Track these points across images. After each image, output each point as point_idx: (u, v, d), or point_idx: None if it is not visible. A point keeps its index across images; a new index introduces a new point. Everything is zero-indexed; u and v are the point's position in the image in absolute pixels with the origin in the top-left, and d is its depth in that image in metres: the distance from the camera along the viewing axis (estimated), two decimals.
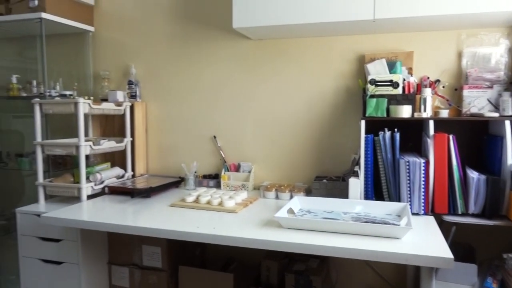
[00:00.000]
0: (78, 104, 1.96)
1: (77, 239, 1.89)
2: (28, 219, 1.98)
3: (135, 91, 2.40)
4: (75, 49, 2.59)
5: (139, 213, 1.76)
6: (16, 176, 2.77)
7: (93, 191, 2.07)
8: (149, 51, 2.44)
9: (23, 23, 2.29)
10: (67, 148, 2.00)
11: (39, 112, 2.04)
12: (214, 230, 1.49)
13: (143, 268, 1.99)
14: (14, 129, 2.81)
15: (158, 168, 2.47)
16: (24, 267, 2.01)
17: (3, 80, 2.56)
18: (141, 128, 2.42)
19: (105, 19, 2.51)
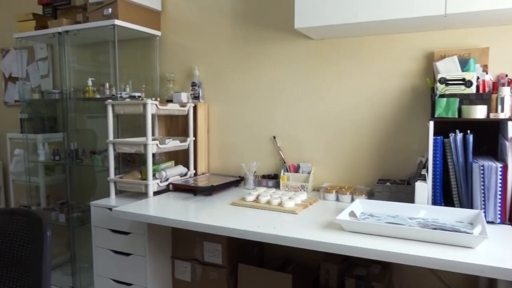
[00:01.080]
0: (147, 105, 2.07)
1: (144, 233, 1.99)
2: (101, 212, 2.13)
3: (198, 92, 2.48)
4: (143, 53, 2.74)
5: (201, 210, 1.81)
6: (90, 172, 2.99)
7: (159, 188, 2.17)
8: (212, 54, 2.51)
9: (98, 30, 2.46)
10: (136, 147, 2.12)
11: (111, 113, 2.19)
12: (275, 230, 1.50)
13: (204, 264, 2.05)
14: (88, 128, 3.04)
15: (219, 167, 2.53)
16: (97, 257, 2.17)
17: (81, 83, 2.77)
18: (203, 128, 2.50)
19: (171, 24, 2.62)
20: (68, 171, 2.72)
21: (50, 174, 3.01)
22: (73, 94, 2.68)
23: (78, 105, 2.86)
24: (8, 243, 1.49)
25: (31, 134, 2.91)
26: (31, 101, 2.93)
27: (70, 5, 2.61)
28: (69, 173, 2.72)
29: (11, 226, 1.50)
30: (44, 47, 3.14)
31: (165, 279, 2.13)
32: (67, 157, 2.69)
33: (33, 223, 1.44)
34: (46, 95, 2.83)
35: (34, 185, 2.97)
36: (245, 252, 2.17)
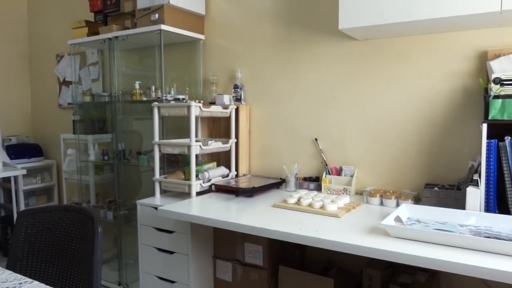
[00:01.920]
0: (191, 107, 2.12)
1: (188, 232, 2.04)
2: (147, 210, 2.20)
3: (240, 94, 2.51)
4: (187, 57, 2.81)
5: (243, 211, 1.83)
6: (135, 172, 3.11)
7: (201, 188, 2.21)
8: (254, 56, 2.53)
9: (145, 35, 2.56)
10: (180, 148, 2.18)
11: (157, 114, 2.26)
12: (317, 233, 1.48)
13: (245, 265, 2.07)
14: (134, 129, 3.16)
15: (260, 168, 2.55)
16: (142, 253, 2.24)
17: (128, 86, 2.89)
18: (245, 130, 2.52)
19: (214, 28, 2.67)
20: (116, 170, 2.84)
21: (99, 173, 3.16)
22: (121, 96, 2.80)
23: (125, 107, 2.99)
24: (62, 238, 1.58)
25: (83, 135, 3.07)
26: (82, 103, 3.09)
27: (120, 11, 2.73)
28: (116, 172, 2.84)
29: (66, 222, 1.58)
30: (95, 52, 3.31)
31: (207, 278, 2.17)
32: (115, 157, 2.81)
33: (86, 220, 1.51)
34: (97, 98, 2.97)
35: (84, 183, 3.13)
36: (286, 254, 2.16)
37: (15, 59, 3.86)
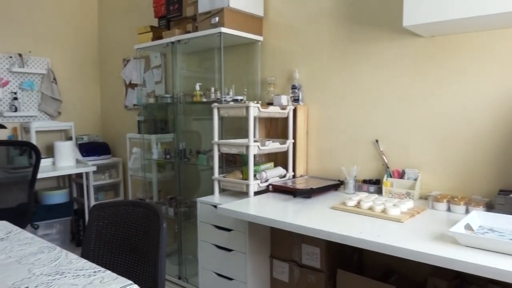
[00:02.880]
0: (249, 108, 2.15)
1: (245, 231, 2.07)
2: (206, 208, 2.27)
3: (297, 95, 2.50)
4: (245, 58, 2.85)
5: (300, 212, 1.82)
6: (194, 170, 3.22)
7: (259, 188, 2.24)
8: (312, 56, 2.50)
9: (206, 38, 2.63)
10: (239, 148, 2.22)
11: (217, 115, 2.32)
12: (379, 237, 1.43)
13: (302, 266, 2.06)
14: (193, 129, 3.27)
15: (317, 170, 2.52)
16: (202, 250, 2.31)
17: (189, 88, 3.00)
18: (303, 131, 2.51)
19: (273, 29, 2.69)
20: (177, 169, 2.96)
21: (161, 171, 3.31)
22: (182, 98, 2.90)
23: (186, 108, 3.10)
24: (129, 231, 1.67)
25: (147, 135, 3.23)
26: (146, 105, 3.25)
27: (182, 16, 2.84)
28: (177, 170, 2.96)
29: (133, 216, 1.68)
30: (158, 56, 3.47)
31: (263, 278, 2.18)
32: (176, 156, 2.92)
33: (151, 215, 1.59)
34: (160, 100, 3.11)
35: (148, 180, 3.29)
36: (344, 258, 2.12)
37: (87, 64, 4.16)
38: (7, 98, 3.55)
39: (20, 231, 1.62)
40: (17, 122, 3.63)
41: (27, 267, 1.24)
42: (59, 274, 1.18)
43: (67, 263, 1.26)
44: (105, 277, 1.15)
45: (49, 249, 1.40)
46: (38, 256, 1.34)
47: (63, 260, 1.29)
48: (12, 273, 1.20)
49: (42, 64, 3.76)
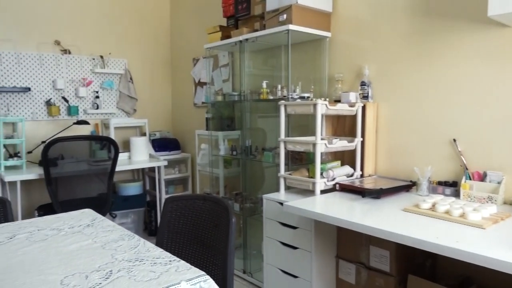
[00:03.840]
0: (317, 105, 2.13)
1: (311, 229, 2.06)
2: (272, 205, 2.28)
3: (367, 92, 2.42)
4: (313, 55, 2.82)
5: (369, 212, 1.76)
6: (259, 167, 3.25)
7: (325, 187, 2.20)
8: (383, 51, 2.41)
9: (273, 36, 2.65)
10: (305, 145, 2.20)
11: (284, 112, 2.32)
12: (458, 244, 1.34)
13: (370, 269, 1.99)
14: (258, 127, 3.30)
15: (387, 169, 2.42)
16: (267, 246, 2.34)
17: (255, 86, 3.04)
18: (372, 129, 2.42)
19: (341, 24, 2.62)
20: (242, 165, 3.02)
21: (228, 167, 3.39)
22: (249, 95, 2.95)
23: (252, 106, 3.14)
24: (199, 224, 1.74)
25: (214, 132, 3.34)
26: (214, 102, 3.35)
27: (250, 15, 2.88)
28: (243, 167, 3.02)
29: (203, 210, 1.74)
30: (226, 54, 3.56)
31: (329, 278, 2.15)
32: (243, 152, 2.98)
33: (221, 209, 1.64)
34: (227, 97, 3.19)
35: (215, 175, 3.40)
36: (416, 263, 2.01)
37: (160, 64, 4.40)
38: (90, 97, 3.87)
39: (103, 219, 1.76)
40: (98, 118, 3.94)
41: (110, 252, 1.35)
42: (138, 261, 1.26)
43: (145, 251, 1.35)
44: (180, 267, 1.21)
45: (129, 237, 1.51)
46: (120, 242, 1.44)
47: (142, 248, 1.38)
48: (98, 257, 1.30)
49: (120, 64, 4.04)
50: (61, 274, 1.17)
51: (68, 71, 3.72)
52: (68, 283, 1.10)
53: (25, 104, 3.50)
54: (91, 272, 1.18)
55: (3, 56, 3.38)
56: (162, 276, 1.14)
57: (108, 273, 1.16)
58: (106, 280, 1.12)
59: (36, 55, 3.54)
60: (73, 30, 3.75)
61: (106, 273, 1.17)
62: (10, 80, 3.43)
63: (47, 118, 3.62)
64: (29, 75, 3.52)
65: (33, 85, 3.54)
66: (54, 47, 3.64)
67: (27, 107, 3.52)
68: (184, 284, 1.10)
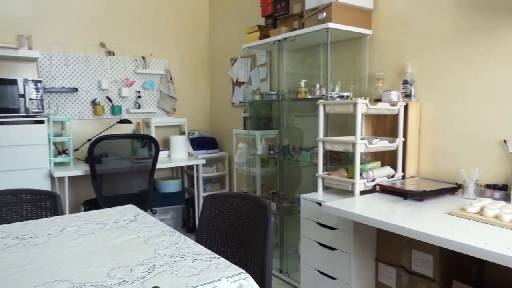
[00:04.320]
0: (357, 104, 2.08)
1: (350, 231, 2.02)
2: (310, 205, 2.27)
3: (410, 91, 2.34)
4: (352, 53, 2.77)
5: (411, 215, 1.70)
6: (296, 166, 3.24)
7: (365, 188, 2.16)
8: (427, 48, 2.32)
9: (312, 34, 2.62)
10: (345, 145, 2.17)
11: (322, 112, 2.30)
12: (509, 250, 1.27)
13: (412, 273, 1.93)
14: (295, 126, 3.29)
15: (430, 171, 2.33)
16: (304, 246, 2.32)
17: (293, 85, 3.02)
18: (414, 129, 2.34)
19: (383, 21, 2.56)
20: (279, 164, 3.01)
21: (265, 166, 3.40)
22: (287, 95, 2.94)
23: (289, 105, 3.13)
24: (238, 223, 1.76)
25: (252, 131, 3.35)
26: (252, 102, 3.37)
27: (288, 14, 2.87)
28: (280, 166, 3.01)
29: (241, 208, 1.76)
30: (264, 54, 3.57)
31: (368, 280, 2.11)
32: (280, 152, 2.98)
33: (259, 208, 1.65)
34: (265, 97, 3.20)
35: (252, 174, 3.42)
36: (461, 269, 1.93)
37: (199, 64, 4.48)
38: (132, 97, 4.00)
39: (146, 215, 1.82)
40: (140, 117, 4.07)
41: (152, 247, 1.39)
42: (179, 257, 1.29)
43: (186, 247, 1.38)
44: (220, 264, 1.23)
45: (170, 233, 1.55)
46: (161, 238, 1.48)
47: (183, 244, 1.41)
48: (141, 251, 1.35)
49: (161, 65, 4.16)
50: (107, 266, 1.22)
51: (112, 72, 3.87)
52: (114, 275, 1.15)
53: (72, 103, 3.68)
54: (135, 265, 1.22)
55: (53, 58, 3.57)
56: (203, 272, 1.16)
57: (151, 267, 1.20)
58: (150, 274, 1.15)
59: (83, 57, 3.71)
60: (117, 33, 3.89)
61: (149, 267, 1.21)
62: (59, 81, 3.61)
63: (92, 117, 3.79)
64: (77, 76, 3.69)
65: (80, 86, 3.71)
66: (99, 49, 3.80)
67: (74, 106, 3.69)
68: (224, 281, 1.11)
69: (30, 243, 1.45)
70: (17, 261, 1.27)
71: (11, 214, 1.98)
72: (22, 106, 3.13)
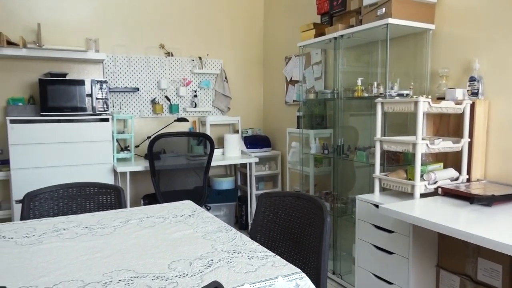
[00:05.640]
0: (418, 103, 1.99)
1: (409, 235, 1.94)
2: (365, 206, 2.20)
3: (477, 88, 2.20)
4: (413, 49, 2.65)
5: (478, 221, 1.60)
6: (350, 166, 3.16)
7: (426, 190, 2.06)
8: (498, 42, 2.16)
9: (370, 31, 2.54)
10: (404, 146, 2.08)
11: (380, 111, 2.22)
12: None
13: (477, 283, 1.81)
14: (350, 125, 3.21)
15: (499, 174, 2.17)
16: (359, 248, 2.27)
17: (349, 83, 2.95)
18: (481, 129, 2.19)
19: (448, 15, 2.42)
20: (333, 164, 2.96)
21: (318, 166, 3.36)
22: (342, 93, 2.88)
23: (344, 104, 3.06)
24: (292, 222, 1.75)
25: (305, 130, 3.33)
26: (306, 100, 3.34)
27: (345, 11, 2.81)
28: (334, 166, 2.96)
29: (296, 208, 1.75)
30: (318, 52, 3.52)
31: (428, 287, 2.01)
32: (334, 151, 2.93)
33: (315, 208, 1.63)
34: (320, 95, 3.16)
35: (305, 174, 3.39)
36: None
37: (253, 63, 4.52)
38: (189, 96, 4.14)
39: (202, 211, 1.87)
40: (196, 116, 4.19)
41: (210, 242, 1.42)
42: (236, 253, 1.31)
43: (242, 244, 1.40)
44: (276, 262, 1.23)
45: (226, 229, 1.58)
46: (218, 234, 1.52)
47: (239, 241, 1.43)
48: (199, 246, 1.39)
49: (216, 65, 4.25)
50: (168, 258, 1.27)
51: (170, 72, 4.03)
52: (175, 267, 1.20)
53: (134, 102, 3.88)
54: (194, 259, 1.26)
55: (117, 60, 3.78)
56: (259, 269, 1.17)
57: (209, 262, 1.23)
58: (208, 268, 1.19)
59: (144, 58, 3.90)
60: (176, 34, 4.04)
61: (207, 261, 1.24)
62: (122, 81, 3.82)
63: (152, 116, 3.97)
64: (138, 76, 3.88)
65: (141, 86, 3.90)
66: (159, 51, 3.97)
67: (136, 105, 3.89)
68: (281, 280, 1.11)
69: (98, 233, 1.55)
70: (87, 249, 1.37)
71: (80, 205, 2.13)
72: (89, 105, 3.35)
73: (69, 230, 1.58)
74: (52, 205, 2.05)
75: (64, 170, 3.25)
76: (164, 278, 1.12)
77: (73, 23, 3.60)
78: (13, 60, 3.38)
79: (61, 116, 3.26)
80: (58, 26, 3.53)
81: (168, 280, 1.11)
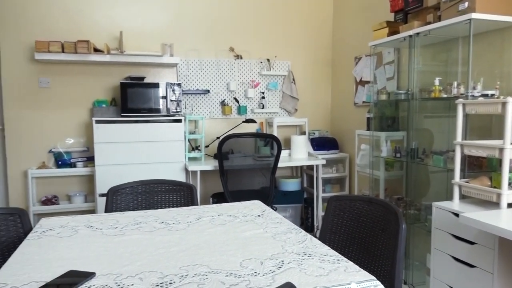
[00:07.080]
0: (507, 104, 1.82)
1: (494, 247, 1.78)
2: (443, 215, 2.07)
3: None
4: (499, 46, 2.43)
5: None
6: (424, 171, 2.98)
7: None
8: None
9: (449, 28, 2.38)
10: (489, 150, 1.92)
11: (461, 112, 2.07)
12: None
13: None
14: (424, 127, 3.03)
15: None
16: (435, 259, 2.13)
17: (424, 83, 2.79)
18: None
19: None
20: (406, 168, 2.82)
21: (389, 170, 3.22)
22: (417, 94, 2.73)
23: (419, 105, 2.90)
24: (363, 227, 1.70)
25: (376, 132, 3.21)
26: (377, 101, 3.22)
27: (422, 7, 2.66)
28: (406, 170, 2.82)
29: (368, 213, 1.69)
30: (391, 51, 3.38)
31: None
32: (407, 155, 2.78)
33: (389, 214, 1.56)
34: (392, 96, 3.03)
35: (375, 177, 3.27)
36: None
37: (321, 64, 4.46)
38: (257, 97, 4.20)
39: (271, 211, 1.88)
40: (263, 117, 4.24)
41: (280, 243, 1.43)
42: (307, 255, 1.30)
43: (312, 246, 1.39)
44: (349, 267, 1.20)
45: (296, 230, 1.58)
46: (288, 235, 1.52)
47: (309, 243, 1.42)
48: (269, 246, 1.40)
49: (284, 66, 4.27)
50: (239, 256, 1.30)
51: (239, 74, 4.12)
52: (247, 266, 1.22)
53: (204, 104, 4.03)
54: (265, 259, 1.27)
55: (190, 63, 3.95)
56: (331, 274, 1.15)
57: (280, 263, 1.24)
58: (279, 269, 1.19)
59: (215, 61, 4.03)
60: (244, 37, 4.13)
61: (278, 262, 1.25)
62: (194, 83, 3.99)
63: (221, 117, 4.09)
64: (209, 79, 4.03)
65: (211, 88, 4.04)
66: (228, 53, 4.08)
67: (206, 106, 4.04)
68: (354, 286, 1.08)
69: (173, 228, 1.63)
70: (164, 243, 1.44)
71: (156, 201, 2.26)
72: (164, 107, 3.54)
73: (147, 224, 1.69)
74: (132, 199, 2.20)
75: (140, 167, 3.47)
76: (236, 275, 1.15)
77: (150, 30, 3.83)
78: (98, 65, 3.69)
79: (138, 117, 3.49)
80: (137, 33, 3.79)
81: (240, 278, 1.13)
